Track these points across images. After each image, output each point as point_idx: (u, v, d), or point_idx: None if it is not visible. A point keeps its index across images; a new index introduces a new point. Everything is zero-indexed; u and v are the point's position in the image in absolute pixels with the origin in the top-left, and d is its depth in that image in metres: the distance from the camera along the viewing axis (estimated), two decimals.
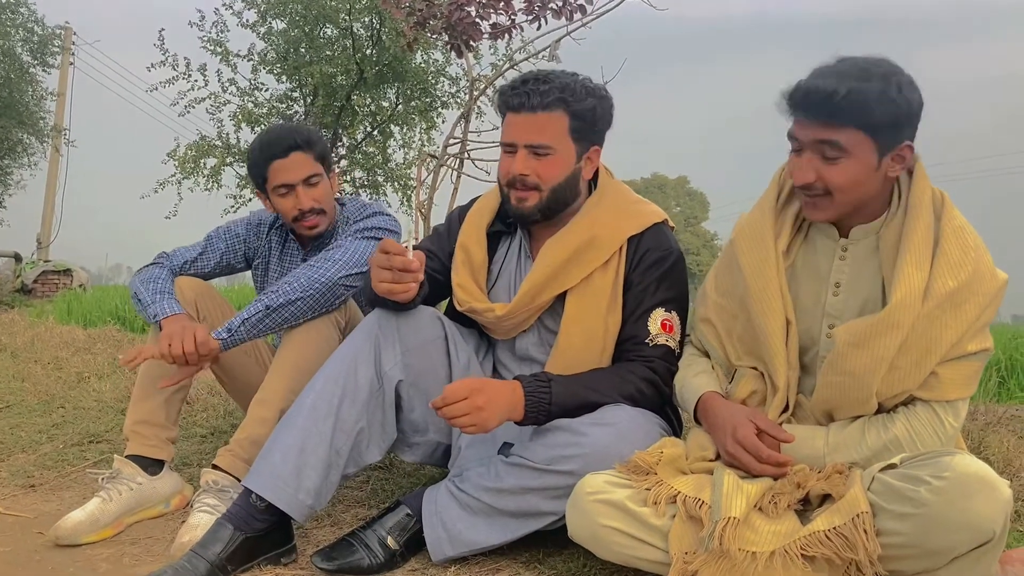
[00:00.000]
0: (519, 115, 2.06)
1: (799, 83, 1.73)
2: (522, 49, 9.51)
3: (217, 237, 2.72)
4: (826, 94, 1.67)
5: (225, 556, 1.90)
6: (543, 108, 2.04)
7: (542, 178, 2.07)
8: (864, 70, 1.67)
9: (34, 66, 13.54)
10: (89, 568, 2.01)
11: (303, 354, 2.28)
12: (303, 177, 2.53)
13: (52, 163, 17.34)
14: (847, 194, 1.74)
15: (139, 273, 2.55)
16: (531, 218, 2.12)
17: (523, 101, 2.04)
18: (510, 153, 2.09)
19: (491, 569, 1.98)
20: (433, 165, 5.36)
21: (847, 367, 1.72)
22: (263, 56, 11.73)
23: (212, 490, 2.18)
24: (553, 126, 2.06)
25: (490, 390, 1.90)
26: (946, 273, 1.67)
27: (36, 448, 3.03)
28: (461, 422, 1.87)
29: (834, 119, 1.68)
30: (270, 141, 2.53)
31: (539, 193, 2.08)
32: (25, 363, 4.43)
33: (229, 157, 12.12)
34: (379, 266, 1.90)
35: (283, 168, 2.51)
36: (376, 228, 2.54)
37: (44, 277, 12.24)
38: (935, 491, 1.47)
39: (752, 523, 1.61)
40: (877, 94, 1.64)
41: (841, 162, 1.71)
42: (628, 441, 1.86)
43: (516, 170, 2.07)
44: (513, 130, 2.08)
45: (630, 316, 2.10)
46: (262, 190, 2.60)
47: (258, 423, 2.22)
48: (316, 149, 2.56)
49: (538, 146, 2.06)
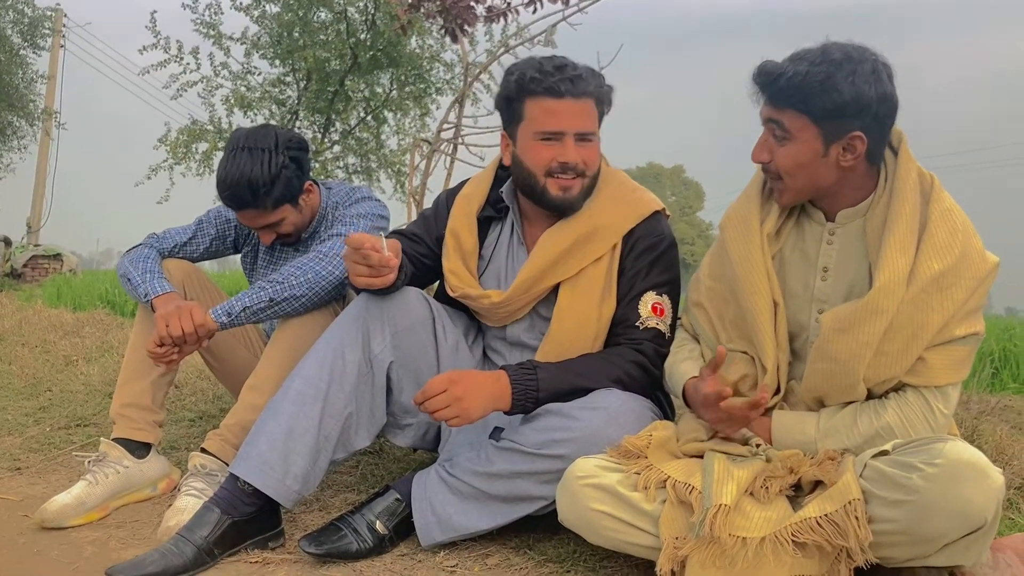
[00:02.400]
0: (563, 101, 2.01)
1: (761, 62, 1.74)
2: (517, 34, 9.49)
3: (208, 221, 2.69)
4: (773, 76, 1.70)
5: (212, 540, 1.90)
6: (586, 95, 2.03)
7: (588, 165, 2.06)
8: (824, 54, 1.68)
9: (24, 48, 13.44)
10: (75, 551, 1.99)
11: (298, 342, 2.24)
12: (262, 226, 2.47)
13: (43, 147, 17.22)
14: (795, 178, 1.76)
15: (127, 254, 2.52)
16: (575, 206, 2.08)
17: (569, 87, 2.00)
18: (554, 140, 2.03)
19: (481, 554, 1.97)
20: (427, 151, 5.34)
21: (832, 353, 1.72)
22: (256, 40, 11.64)
23: (200, 474, 2.16)
24: (592, 112, 2.06)
25: (469, 380, 1.89)
26: (931, 256, 1.66)
27: (23, 431, 3.01)
28: (443, 414, 1.86)
29: (777, 100, 1.72)
30: (229, 194, 2.36)
31: (582, 180, 2.06)
32: (12, 346, 4.40)
33: (221, 142, 12.03)
34: (354, 261, 1.88)
35: (244, 217, 2.46)
36: (373, 215, 2.52)
37: (34, 262, 12.19)
38: (927, 478, 1.46)
39: (743, 509, 1.60)
40: (820, 80, 1.65)
41: (787, 144, 1.73)
42: (619, 425, 1.85)
43: (571, 158, 2.02)
44: (559, 118, 2.02)
45: (622, 300, 2.09)
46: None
47: (249, 409, 2.19)
48: (271, 199, 2.37)
49: (587, 133, 2.04)
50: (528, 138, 2.06)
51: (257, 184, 2.33)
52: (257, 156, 2.35)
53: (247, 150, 2.35)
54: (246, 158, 2.33)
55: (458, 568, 1.90)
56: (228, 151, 2.37)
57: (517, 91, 2.06)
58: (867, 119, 1.68)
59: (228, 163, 2.35)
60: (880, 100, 1.67)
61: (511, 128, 2.11)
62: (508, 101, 2.09)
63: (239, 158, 2.34)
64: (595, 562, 1.90)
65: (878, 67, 1.68)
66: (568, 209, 2.09)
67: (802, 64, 1.67)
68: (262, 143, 2.37)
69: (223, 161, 2.37)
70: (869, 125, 1.68)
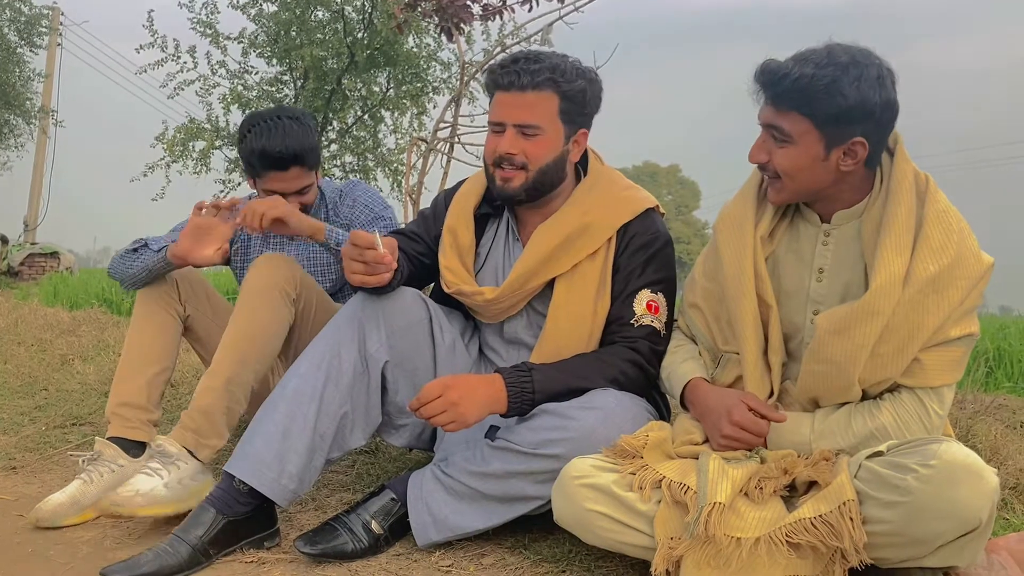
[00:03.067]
0: (508, 94, 2.03)
1: (764, 61, 1.73)
2: (513, 33, 9.49)
3: None
4: (777, 76, 1.69)
5: (207, 539, 1.90)
6: (533, 87, 2.01)
7: (529, 158, 2.04)
8: (829, 57, 1.66)
9: (21, 46, 13.41)
10: (70, 551, 1.99)
11: (250, 325, 2.25)
12: (296, 189, 2.52)
13: (40, 145, 17.21)
14: (793, 180, 1.75)
15: (117, 257, 2.54)
16: (516, 198, 2.09)
17: (513, 80, 2.01)
18: (497, 132, 2.06)
19: (476, 554, 1.97)
20: (423, 149, 5.33)
21: (828, 355, 1.72)
22: (253, 39, 11.63)
23: (156, 454, 2.14)
24: (543, 106, 2.03)
25: (464, 384, 1.89)
26: (927, 258, 1.66)
27: (18, 430, 3.00)
28: (439, 420, 1.86)
29: (780, 103, 1.70)
30: (272, 153, 2.44)
31: (525, 173, 2.05)
32: (8, 345, 4.39)
33: (218, 140, 12.03)
34: (351, 258, 1.88)
35: (279, 179, 2.49)
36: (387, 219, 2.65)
37: (31, 260, 12.17)
38: (922, 479, 1.46)
39: (737, 509, 1.60)
40: (826, 84, 1.64)
41: (787, 147, 1.73)
42: (615, 425, 1.85)
43: (503, 149, 2.03)
44: (501, 109, 2.05)
45: (617, 298, 2.09)
46: (251, 177, 2.57)
47: (205, 392, 2.21)
48: (312, 160, 2.51)
49: (527, 125, 2.03)
50: (488, 130, 2.11)
51: (305, 145, 2.47)
52: (298, 123, 2.49)
53: (287, 119, 2.48)
54: (290, 124, 2.46)
55: (453, 568, 1.90)
56: (262, 122, 2.47)
57: (487, 85, 2.12)
58: (870, 125, 1.67)
59: (271, 130, 2.45)
60: (884, 107, 1.66)
61: None
62: (489, 96, 2.12)
63: (282, 124, 2.45)
64: (590, 562, 1.90)
65: (883, 72, 1.67)
66: (509, 201, 2.12)
67: (807, 66, 1.66)
68: (298, 113, 2.54)
69: (259, 132, 2.46)
70: (871, 131, 1.68)
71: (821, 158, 1.71)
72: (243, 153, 2.53)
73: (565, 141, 2.08)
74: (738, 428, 1.78)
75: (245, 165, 2.56)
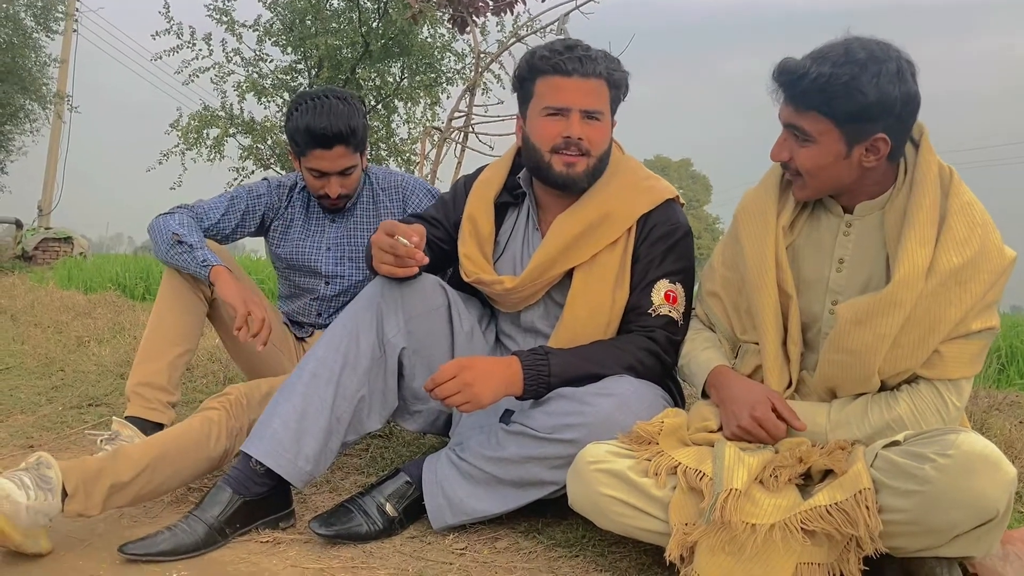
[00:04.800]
0: (570, 79, 2.03)
1: (782, 60, 1.72)
2: (528, 24, 9.48)
3: (238, 197, 2.68)
4: (796, 75, 1.68)
5: (224, 519, 1.91)
6: (595, 75, 2.03)
7: (593, 144, 2.05)
8: (847, 54, 1.65)
9: (37, 32, 13.45)
10: (87, 529, 2.01)
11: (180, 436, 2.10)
12: (340, 169, 2.54)
13: (54, 130, 17.27)
14: (816, 178, 1.75)
15: (163, 217, 2.51)
16: (579, 184, 2.08)
17: (577, 66, 2.02)
18: (560, 116, 2.04)
19: (490, 538, 1.98)
20: (437, 139, 5.34)
21: (848, 345, 1.72)
22: (269, 27, 11.67)
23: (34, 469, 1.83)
24: (602, 93, 2.06)
25: (479, 366, 1.91)
26: (951, 250, 1.66)
27: (35, 410, 3.03)
28: (454, 400, 1.88)
29: (799, 103, 1.69)
30: (317, 130, 2.46)
31: (587, 159, 2.05)
32: (25, 326, 4.43)
33: (232, 128, 12.06)
34: (382, 249, 1.89)
35: (324, 157, 2.51)
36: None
37: (45, 244, 12.22)
38: (939, 469, 1.47)
39: (753, 496, 1.61)
40: (844, 82, 1.63)
41: (808, 146, 1.72)
42: (631, 411, 1.86)
43: (575, 132, 2.03)
44: (565, 94, 2.04)
45: (635, 287, 2.09)
46: (296, 156, 2.60)
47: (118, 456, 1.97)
48: (357, 141, 2.52)
49: (594, 111, 2.04)
50: (536, 115, 2.08)
51: (351, 124, 2.49)
52: (345, 103, 2.50)
53: (335, 98, 2.50)
54: (337, 103, 2.48)
55: (467, 551, 1.92)
56: (310, 100, 2.50)
57: (529, 71, 2.08)
58: (891, 120, 1.66)
59: (318, 108, 2.47)
60: (904, 101, 1.65)
61: (523, 108, 2.13)
62: (521, 81, 2.11)
63: (329, 103, 2.48)
64: (604, 547, 1.92)
65: (902, 66, 1.65)
66: (571, 186, 2.09)
67: (825, 64, 1.65)
68: (346, 94, 2.56)
69: (305, 110, 2.48)
70: (892, 126, 1.67)
71: (843, 156, 1.71)
72: (289, 131, 2.55)
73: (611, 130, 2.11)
74: (756, 424, 1.78)
75: (291, 143, 2.58)
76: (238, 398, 2.19)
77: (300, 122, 2.48)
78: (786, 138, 1.76)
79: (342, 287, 2.72)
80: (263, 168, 12.44)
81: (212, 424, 2.12)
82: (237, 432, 2.16)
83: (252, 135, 12.17)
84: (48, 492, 1.79)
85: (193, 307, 2.47)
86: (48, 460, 1.83)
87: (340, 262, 2.71)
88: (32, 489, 1.77)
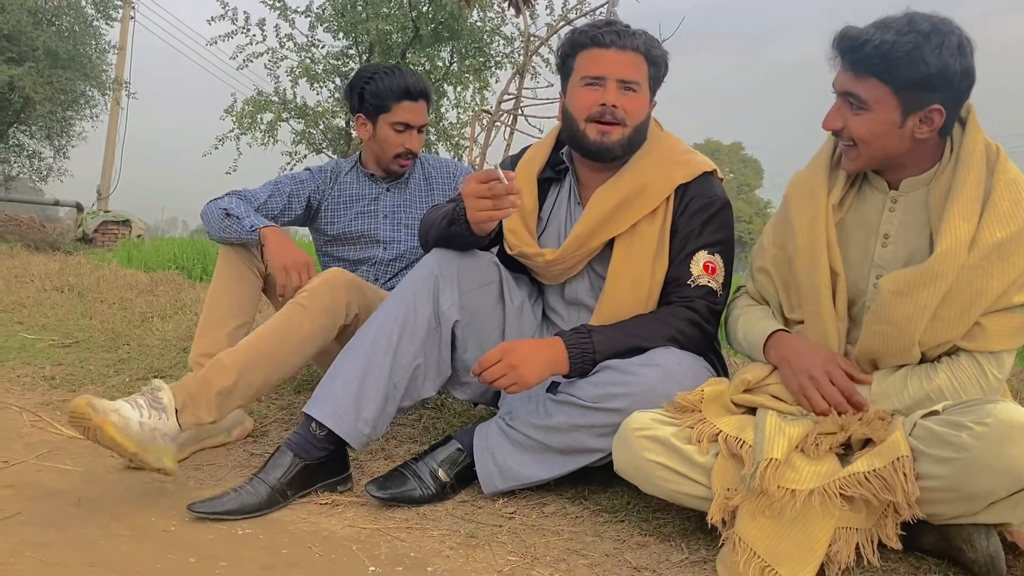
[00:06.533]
0: (608, 51, 2.11)
1: (844, 27, 1.75)
2: (577, 7, 9.46)
3: (282, 183, 2.82)
4: (859, 41, 1.70)
5: (285, 481, 2.01)
6: (633, 48, 2.11)
7: (628, 113, 2.11)
8: (910, 24, 1.67)
9: (97, 19, 13.73)
10: (158, 489, 2.12)
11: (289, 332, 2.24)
12: (422, 123, 2.78)
13: (112, 116, 17.65)
14: (870, 146, 1.76)
15: (213, 202, 2.63)
16: (613, 153, 2.13)
17: (615, 39, 2.10)
18: (596, 85, 2.11)
19: (538, 503, 2.05)
20: (486, 122, 5.40)
21: (890, 316, 1.75)
22: (321, 12, 11.81)
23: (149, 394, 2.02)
24: (640, 66, 2.13)
25: (523, 348, 1.98)
26: (995, 224, 1.68)
27: (104, 381, 3.17)
28: (501, 383, 1.96)
29: (860, 68, 1.71)
30: (407, 82, 2.73)
31: (622, 128, 2.11)
32: (91, 303, 4.59)
33: (285, 113, 12.25)
34: (478, 196, 1.97)
35: (411, 110, 2.75)
36: None
37: (104, 227, 12.49)
38: (976, 436, 1.50)
39: (793, 463, 1.66)
40: (908, 50, 1.65)
41: (863, 114, 1.74)
42: (676, 382, 1.91)
43: (611, 100, 2.09)
44: (603, 64, 2.11)
45: (675, 259, 2.13)
46: (372, 118, 2.78)
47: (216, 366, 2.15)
48: (431, 103, 2.82)
49: (630, 81, 2.10)
50: (575, 87, 2.15)
51: (428, 83, 2.81)
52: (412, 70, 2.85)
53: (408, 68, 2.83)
54: (408, 69, 2.80)
55: (516, 514, 1.99)
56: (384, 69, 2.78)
57: (570, 46, 2.17)
58: (948, 92, 1.68)
59: (399, 71, 2.78)
60: (963, 75, 1.68)
61: (564, 85, 2.21)
62: (564, 59, 2.19)
63: (404, 67, 2.82)
64: (648, 513, 1.98)
65: (963, 41, 1.68)
66: (605, 155, 2.13)
67: (888, 32, 1.67)
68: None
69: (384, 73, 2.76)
70: (949, 98, 1.69)
71: (897, 124, 1.73)
72: (370, 95, 2.76)
73: (649, 105, 2.16)
74: (826, 377, 1.81)
75: (371, 106, 2.77)
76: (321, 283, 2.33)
77: (386, 82, 2.73)
78: (840, 106, 1.78)
79: (398, 251, 2.87)
80: (315, 152, 12.63)
81: (303, 308, 2.27)
82: (346, 304, 2.34)
83: (305, 120, 12.36)
84: (161, 411, 1.99)
85: (248, 282, 2.58)
86: (159, 384, 2.04)
87: (397, 228, 2.87)
88: (146, 408, 1.97)
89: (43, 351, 3.58)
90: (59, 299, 4.73)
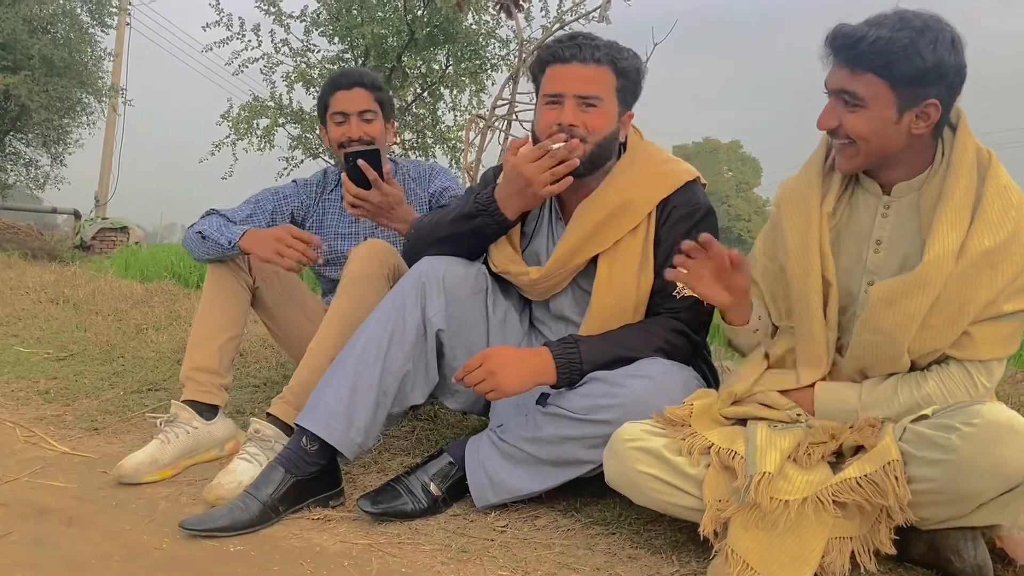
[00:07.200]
0: (568, 66, 2.07)
1: (837, 25, 1.74)
2: (572, 10, 9.46)
3: (264, 199, 2.81)
4: (854, 38, 1.69)
5: (276, 497, 2.00)
6: (594, 61, 2.07)
7: (589, 130, 2.07)
8: (903, 20, 1.67)
9: (93, 27, 13.73)
10: (150, 505, 2.12)
11: (357, 309, 2.30)
12: (359, 110, 2.74)
13: (109, 123, 17.65)
14: (868, 143, 1.75)
15: (194, 226, 2.63)
16: (577, 172, 2.09)
17: (574, 52, 2.06)
18: (555, 103, 2.08)
19: (530, 516, 2.05)
20: (481, 127, 5.41)
21: (879, 324, 1.75)
22: (316, 17, 11.79)
23: (255, 439, 2.24)
24: (602, 79, 2.08)
25: (504, 355, 1.99)
26: (984, 231, 1.67)
27: (99, 394, 3.16)
28: (480, 388, 1.97)
29: (856, 64, 1.70)
30: (339, 74, 2.81)
31: (583, 145, 2.07)
32: (87, 314, 4.59)
33: (281, 118, 12.24)
34: (541, 169, 2.01)
35: (343, 98, 2.75)
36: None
37: (102, 234, 12.50)
38: (965, 437, 1.51)
39: (785, 473, 1.65)
40: (904, 45, 1.64)
41: (859, 111, 1.73)
42: (665, 393, 1.91)
43: (567, 119, 2.05)
44: (561, 80, 2.07)
45: (659, 271, 2.11)
46: (323, 121, 2.82)
47: (310, 371, 2.27)
48: (377, 90, 2.77)
49: (589, 96, 2.06)
50: (540, 105, 2.14)
51: (371, 75, 2.84)
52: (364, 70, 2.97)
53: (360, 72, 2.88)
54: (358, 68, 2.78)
55: (508, 528, 1.99)
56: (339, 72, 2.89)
57: (538, 64, 2.15)
58: (943, 88, 1.68)
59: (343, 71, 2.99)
60: (957, 70, 1.68)
61: (536, 102, 2.19)
62: (534, 76, 2.18)
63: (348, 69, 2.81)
64: (639, 525, 1.98)
65: (955, 37, 1.68)
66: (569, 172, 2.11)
67: (883, 29, 1.67)
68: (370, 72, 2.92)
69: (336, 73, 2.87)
70: (943, 93, 1.69)
71: (893, 121, 1.72)
72: (319, 103, 2.82)
73: (617, 118, 2.13)
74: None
75: (319, 114, 2.83)
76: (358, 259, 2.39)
77: (325, 85, 2.82)
78: (834, 105, 1.77)
79: None
80: (312, 157, 12.60)
81: (356, 283, 2.33)
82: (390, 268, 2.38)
83: (301, 124, 12.35)
84: (275, 446, 2.19)
85: (237, 297, 2.59)
86: (259, 426, 2.24)
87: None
88: (261, 455, 2.18)
89: (38, 364, 3.58)
90: (54, 311, 4.73)
